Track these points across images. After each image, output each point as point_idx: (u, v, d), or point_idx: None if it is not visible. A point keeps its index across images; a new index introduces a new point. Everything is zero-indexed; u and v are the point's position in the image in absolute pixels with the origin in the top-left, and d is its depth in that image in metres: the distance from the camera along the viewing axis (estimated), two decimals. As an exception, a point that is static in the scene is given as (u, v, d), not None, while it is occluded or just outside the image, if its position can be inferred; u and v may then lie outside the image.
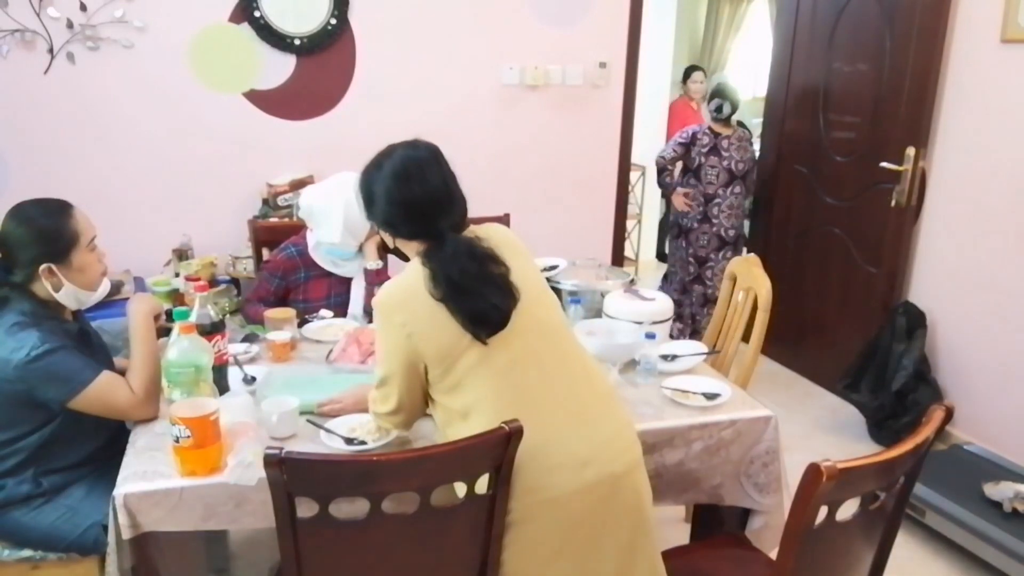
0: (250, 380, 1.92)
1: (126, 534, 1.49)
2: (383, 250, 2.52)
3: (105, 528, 1.54)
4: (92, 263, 1.79)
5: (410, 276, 1.50)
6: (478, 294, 1.44)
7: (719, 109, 3.80)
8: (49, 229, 1.73)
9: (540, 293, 1.58)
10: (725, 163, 3.84)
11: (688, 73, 5.91)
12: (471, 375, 1.47)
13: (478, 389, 1.46)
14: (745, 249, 4.10)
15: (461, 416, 1.49)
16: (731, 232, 3.92)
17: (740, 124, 4.16)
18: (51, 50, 3.09)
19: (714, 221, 3.88)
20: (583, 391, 1.53)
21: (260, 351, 2.15)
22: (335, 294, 2.54)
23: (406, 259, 1.59)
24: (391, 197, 1.52)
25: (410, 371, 1.50)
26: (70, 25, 3.08)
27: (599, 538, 1.51)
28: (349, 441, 1.64)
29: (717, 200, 3.86)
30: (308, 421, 1.71)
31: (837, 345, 3.66)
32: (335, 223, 2.42)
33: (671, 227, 4.11)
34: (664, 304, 2.28)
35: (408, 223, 1.53)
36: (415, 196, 1.51)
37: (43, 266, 1.71)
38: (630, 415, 1.65)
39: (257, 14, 3.26)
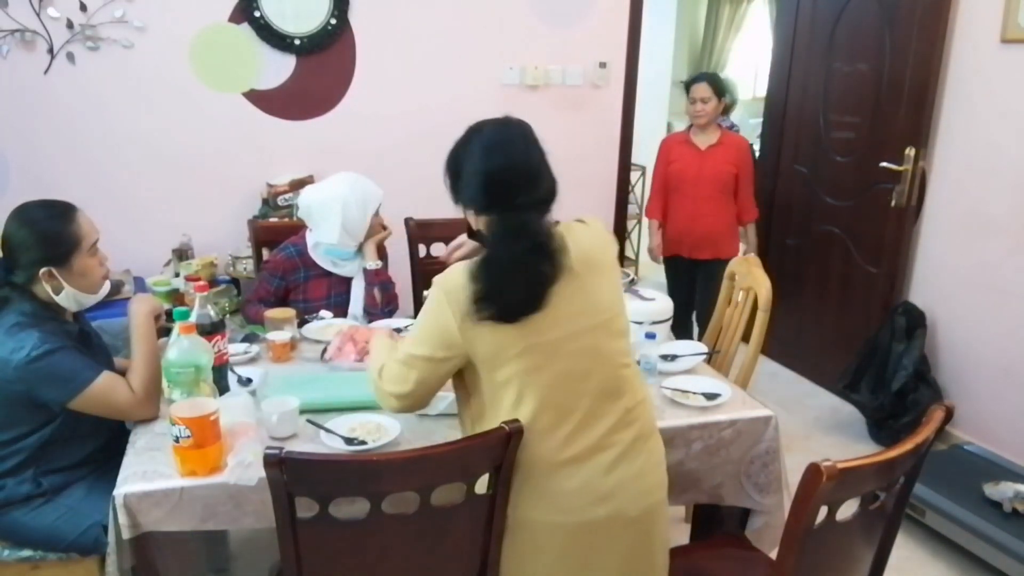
0: (245, 382, 1.92)
1: (126, 534, 1.49)
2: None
3: (105, 528, 1.54)
4: (93, 267, 1.79)
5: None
6: (503, 278, 1.37)
7: None
8: (51, 233, 1.73)
9: (612, 318, 1.48)
10: None
11: (689, 86, 3.48)
12: (517, 378, 1.41)
13: (519, 394, 1.41)
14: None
15: (493, 412, 1.44)
16: None
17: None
18: (51, 50, 3.09)
19: None
20: (624, 425, 1.47)
21: (260, 351, 2.15)
22: (335, 294, 2.54)
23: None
24: (476, 168, 1.46)
25: (441, 359, 1.43)
26: (70, 25, 3.08)
27: (598, 570, 1.48)
28: (349, 441, 1.64)
29: None
30: (308, 421, 1.71)
31: (837, 345, 3.66)
32: (333, 223, 2.42)
33: None
34: (664, 304, 2.28)
35: (487, 194, 1.45)
36: (496, 167, 1.44)
37: (43, 269, 1.71)
38: (664, 455, 1.56)
39: (257, 14, 3.26)
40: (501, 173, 1.44)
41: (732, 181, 3.42)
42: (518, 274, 1.38)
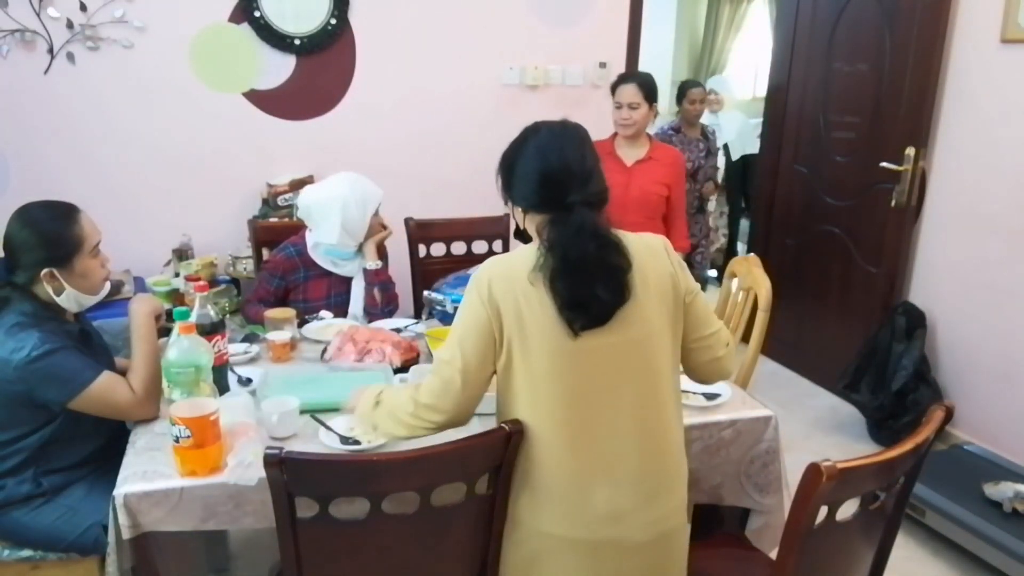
0: (245, 382, 1.92)
1: (126, 534, 1.49)
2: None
3: (105, 528, 1.54)
4: (94, 269, 1.79)
5: (520, 257, 1.42)
6: (586, 278, 1.35)
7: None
8: (53, 234, 1.73)
9: (654, 334, 1.43)
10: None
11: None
12: (541, 382, 1.38)
13: (539, 398, 1.39)
14: (745, 248, 4.13)
15: (512, 414, 1.42)
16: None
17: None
18: (51, 50, 3.09)
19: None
20: (651, 446, 1.43)
21: (260, 351, 2.15)
22: (335, 294, 2.54)
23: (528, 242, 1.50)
24: (529, 166, 1.46)
25: (477, 356, 1.39)
26: (70, 25, 3.08)
27: None
28: (345, 440, 1.64)
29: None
30: (312, 417, 1.71)
31: (837, 345, 3.66)
32: (333, 223, 2.42)
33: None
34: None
35: (540, 191, 1.44)
36: (551, 165, 1.44)
37: (45, 270, 1.71)
38: (686, 479, 1.53)
39: (257, 14, 3.26)
40: (554, 172, 1.43)
41: (663, 204, 2.94)
42: (599, 272, 1.36)
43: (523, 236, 1.54)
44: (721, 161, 5.02)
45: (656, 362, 1.43)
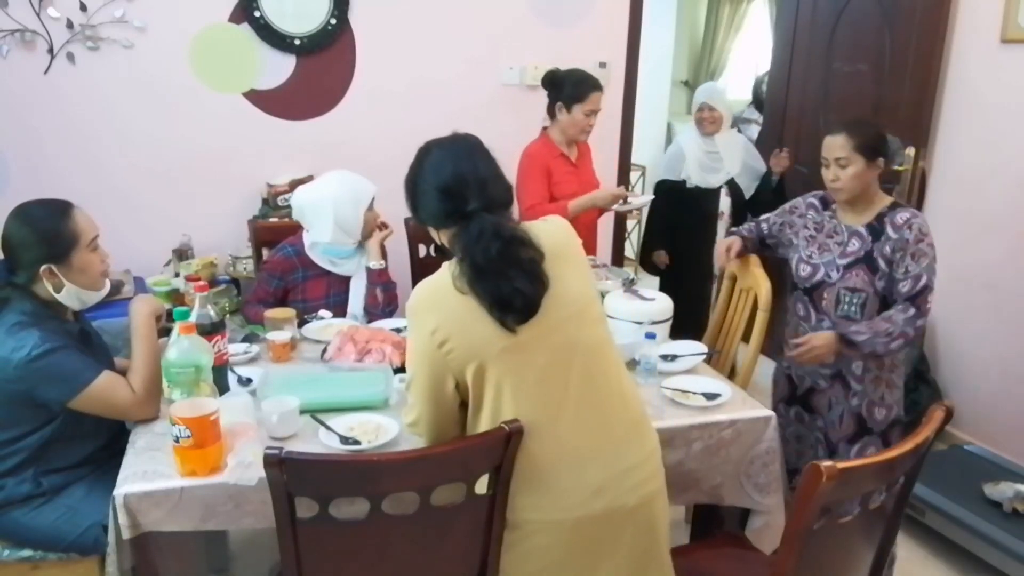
0: (245, 382, 1.92)
1: (126, 534, 1.49)
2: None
3: (105, 528, 1.54)
4: (93, 263, 1.79)
5: (440, 274, 1.47)
6: (502, 276, 1.38)
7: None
8: (50, 230, 1.73)
9: (584, 307, 1.49)
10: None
11: (588, 92, 3.02)
12: (498, 379, 1.42)
13: (502, 395, 1.42)
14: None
15: (480, 414, 1.46)
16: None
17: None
18: (51, 50, 3.09)
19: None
20: (612, 417, 1.48)
21: (260, 351, 2.15)
22: (334, 293, 2.54)
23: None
24: (427, 186, 1.51)
25: (434, 387, 1.45)
26: (70, 25, 3.07)
27: (603, 564, 1.48)
28: (345, 440, 1.64)
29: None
30: (312, 417, 1.71)
31: (837, 345, 3.65)
32: (326, 222, 2.42)
33: None
34: (664, 304, 2.28)
35: (441, 207, 1.49)
36: (446, 180, 1.48)
37: (44, 267, 1.72)
38: (657, 443, 1.57)
39: (257, 14, 3.26)
40: (450, 186, 1.48)
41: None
42: (511, 268, 1.40)
43: (443, 250, 1.58)
44: (726, 204, 3.73)
45: (595, 332, 1.51)
